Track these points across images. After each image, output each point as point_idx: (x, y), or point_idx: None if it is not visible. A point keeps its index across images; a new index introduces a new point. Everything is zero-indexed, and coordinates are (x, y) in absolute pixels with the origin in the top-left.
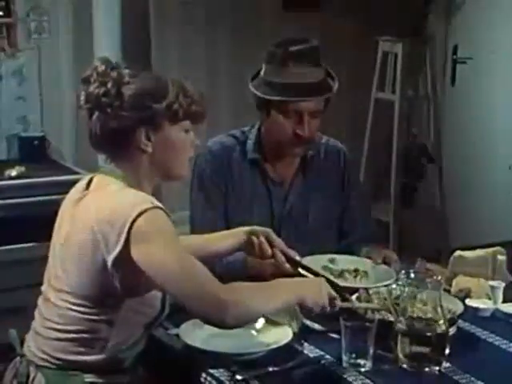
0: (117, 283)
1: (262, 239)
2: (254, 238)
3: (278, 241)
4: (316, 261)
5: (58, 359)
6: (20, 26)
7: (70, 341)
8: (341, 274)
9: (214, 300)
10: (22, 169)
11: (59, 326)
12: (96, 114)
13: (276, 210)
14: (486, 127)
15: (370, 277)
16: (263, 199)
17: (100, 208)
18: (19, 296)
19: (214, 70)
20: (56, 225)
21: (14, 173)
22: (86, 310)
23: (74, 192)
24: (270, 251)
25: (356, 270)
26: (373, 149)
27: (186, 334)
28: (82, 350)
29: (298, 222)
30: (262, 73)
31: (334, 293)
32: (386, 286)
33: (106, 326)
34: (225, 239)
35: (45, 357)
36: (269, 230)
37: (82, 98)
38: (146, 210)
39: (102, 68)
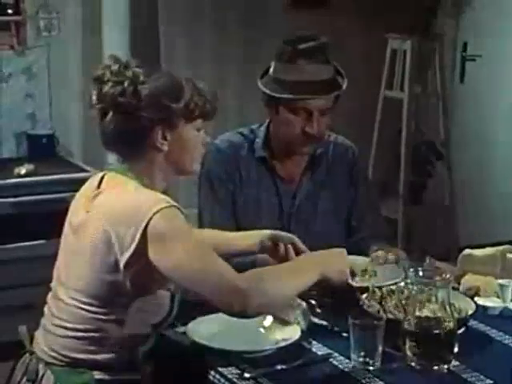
0: (128, 282)
1: (290, 247)
2: (281, 246)
3: (304, 249)
4: None
5: (67, 357)
6: (29, 24)
7: (79, 339)
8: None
9: (235, 291)
10: (31, 166)
11: (68, 324)
12: (110, 113)
13: (284, 208)
14: (495, 125)
15: (378, 276)
16: (272, 197)
17: (115, 208)
18: (29, 293)
19: (223, 68)
20: (66, 223)
21: (23, 171)
22: (95, 309)
23: (87, 189)
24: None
25: (365, 270)
26: (381, 146)
27: (194, 331)
28: (90, 348)
29: (306, 219)
30: (271, 70)
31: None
32: (395, 284)
33: (115, 326)
34: (245, 240)
35: (54, 354)
36: (295, 238)
37: (95, 97)
38: (161, 209)
39: (115, 67)
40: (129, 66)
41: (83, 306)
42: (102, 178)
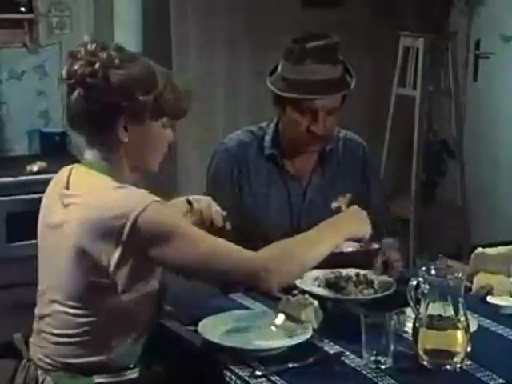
0: (118, 282)
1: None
2: (195, 207)
3: (219, 211)
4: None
5: (62, 363)
6: (42, 22)
7: (71, 344)
8: (345, 285)
9: (253, 271)
10: (44, 164)
11: (58, 331)
12: (77, 91)
13: (294, 205)
14: (508, 122)
15: (371, 287)
16: (281, 194)
17: (95, 213)
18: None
19: (234, 67)
20: (41, 223)
21: (35, 168)
22: (83, 312)
23: (57, 185)
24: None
25: (358, 281)
26: (394, 144)
27: (205, 329)
28: (83, 352)
29: (316, 216)
30: (279, 68)
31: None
32: (385, 296)
33: (103, 327)
34: None
35: (49, 361)
36: (211, 201)
37: (64, 72)
38: (144, 209)
39: (91, 47)
40: (106, 48)
41: (71, 311)
42: (70, 172)
